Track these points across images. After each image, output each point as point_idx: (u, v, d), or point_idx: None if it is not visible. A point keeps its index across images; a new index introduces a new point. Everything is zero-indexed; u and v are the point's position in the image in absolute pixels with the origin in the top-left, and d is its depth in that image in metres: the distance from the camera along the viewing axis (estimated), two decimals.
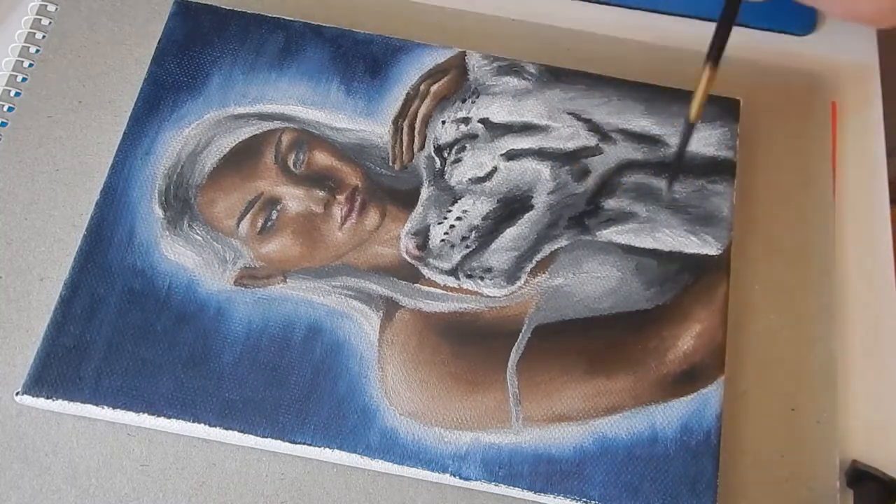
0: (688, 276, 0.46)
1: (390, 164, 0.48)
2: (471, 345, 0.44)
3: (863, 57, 0.56)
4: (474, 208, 0.47)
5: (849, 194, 0.52)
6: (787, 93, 0.54)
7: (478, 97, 0.50)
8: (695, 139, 0.49)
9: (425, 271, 0.46)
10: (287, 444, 0.42)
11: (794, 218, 0.50)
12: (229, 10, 0.51)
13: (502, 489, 0.41)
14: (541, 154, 0.48)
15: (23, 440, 0.43)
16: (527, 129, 0.49)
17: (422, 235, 0.46)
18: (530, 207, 0.47)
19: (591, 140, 0.49)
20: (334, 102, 0.49)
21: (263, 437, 0.42)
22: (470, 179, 0.48)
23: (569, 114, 0.49)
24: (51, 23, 0.53)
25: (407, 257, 0.46)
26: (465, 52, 0.51)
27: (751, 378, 0.46)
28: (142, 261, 0.45)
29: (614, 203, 0.47)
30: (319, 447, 0.42)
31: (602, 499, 0.41)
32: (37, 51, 0.52)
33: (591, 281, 0.46)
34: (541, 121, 0.49)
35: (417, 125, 0.49)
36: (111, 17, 0.53)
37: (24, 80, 0.51)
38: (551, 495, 0.41)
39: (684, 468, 0.42)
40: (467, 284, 0.45)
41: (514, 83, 0.50)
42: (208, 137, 0.48)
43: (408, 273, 0.45)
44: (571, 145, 0.48)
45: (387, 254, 0.46)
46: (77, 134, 0.50)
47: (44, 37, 0.52)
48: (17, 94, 0.51)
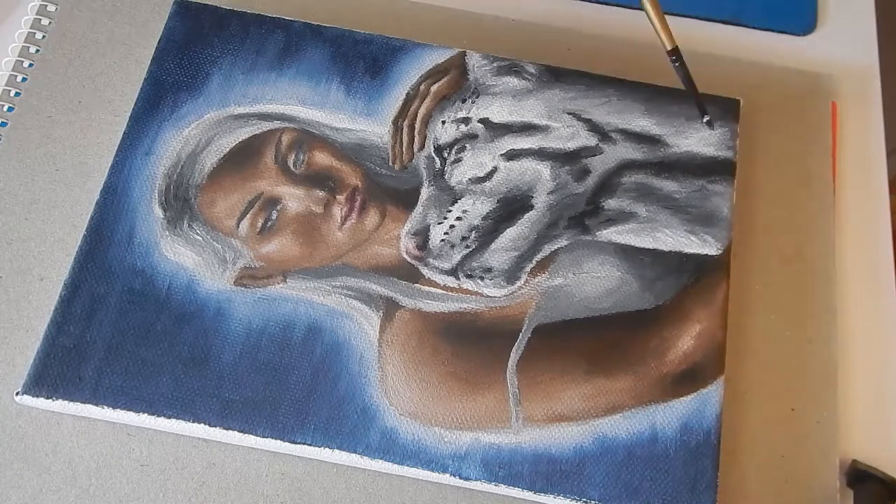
0: (688, 276, 0.46)
1: (390, 164, 0.48)
2: (471, 345, 0.44)
3: (863, 57, 0.56)
4: (474, 208, 0.47)
5: (849, 194, 0.52)
6: (787, 93, 0.54)
7: (478, 97, 0.50)
8: (695, 139, 0.49)
9: (425, 271, 0.45)
10: (287, 444, 0.42)
11: (794, 218, 0.50)
12: (229, 10, 0.51)
13: (502, 489, 0.41)
14: (541, 154, 0.48)
15: (23, 440, 0.43)
16: (527, 129, 0.49)
17: (422, 235, 0.46)
18: (530, 207, 0.47)
19: (591, 140, 0.49)
20: (334, 102, 0.49)
21: (263, 437, 0.42)
22: (470, 179, 0.47)
23: (569, 114, 0.49)
24: (51, 23, 0.53)
25: (407, 257, 0.46)
26: (465, 52, 0.51)
27: (751, 378, 0.46)
28: (142, 261, 0.45)
29: (614, 203, 0.47)
30: (319, 447, 0.42)
31: (602, 499, 0.41)
32: (37, 51, 0.52)
33: (591, 281, 0.46)
34: (541, 121, 0.49)
35: (417, 125, 0.49)
36: (111, 17, 0.53)
37: (24, 80, 0.51)
38: (551, 495, 0.41)
39: (684, 468, 0.42)
40: (467, 284, 0.45)
41: (514, 83, 0.50)
42: (208, 137, 0.48)
43: (408, 273, 0.45)
44: (571, 145, 0.48)
45: (387, 254, 0.46)
46: (77, 134, 0.50)
47: (44, 37, 0.52)
48: (17, 94, 0.51)
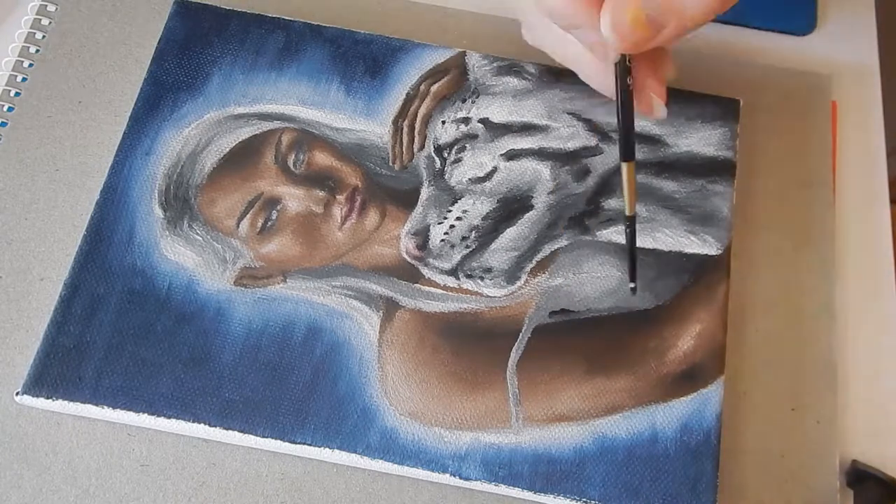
0: (688, 276, 0.46)
1: (390, 164, 0.48)
2: (471, 345, 0.44)
3: (863, 57, 0.56)
4: (474, 208, 0.47)
5: (849, 194, 0.52)
6: (787, 93, 0.54)
7: (478, 97, 0.50)
8: (695, 139, 0.49)
9: (425, 271, 0.45)
10: (287, 444, 0.42)
11: (794, 218, 0.50)
12: (229, 10, 0.51)
13: (502, 489, 0.41)
14: (541, 154, 0.48)
15: (23, 440, 0.43)
16: (527, 129, 0.49)
17: (422, 235, 0.46)
18: (530, 207, 0.47)
19: (591, 140, 0.49)
20: (334, 102, 0.49)
21: (263, 437, 0.42)
22: (470, 179, 0.47)
23: (569, 114, 0.49)
24: (51, 23, 0.53)
25: (407, 257, 0.46)
26: (465, 52, 0.51)
27: (751, 378, 0.46)
28: (142, 261, 0.45)
29: (614, 203, 0.47)
30: (319, 447, 0.42)
31: (602, 499, 0.41)
32: (37, 51, 0.52)
33: (591, 281, 0.46)
34: (541, 121, 0.49)
35: (417, 125, 0.49)
36: (111, 17, 0.53)
37: (24, 80, 0.51)
38: (551, 495, 0.41)
39: (684, 468, 0.42)
40: (467, 284, 0.45)
41: (514, 83, 0.50)
42: (208, 137, 0.48)
43: (408, 273, 0.45)
44: (571, 145, 0.48)
45: (387, 254, 0.46)
46: (77, 134, 0.50)
47: (44, 37, 0.52)
48: (17, 94, 0.51)
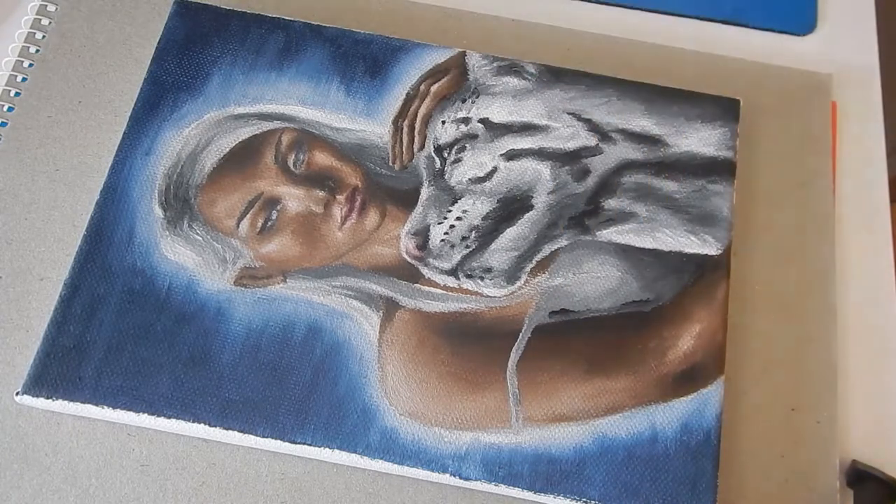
0: (688, 276, 0.46)
1: (390, 164, 0.48)
2: (471, 345, 0.44)
3: (863, 57, 0.56)
4: (474, 208, 0.47)
5: (849, 194, 0.52)
6: (787, 93, 0.54)
7: (478, 97, 0.49)
8: (695, 139, 0.49)
9: (425, 271, 0.45)
10: (287, 444, 0.42)
11: (794, 218, 0.50)
12: (229, 10, 0.51)
13: (502, 489, 0.41)
14: (541, 154, 0.48)
15: (23, 440, 0.43)
16: (527, 129, 0.49)
17: (422, 235, 0.46)
18: (530, 207, 0.47)
19: (591, 140, 0.49)
20: (334, 102, 0.49)
21: (263, 437, 0.42)
22: (470, 179, 0.47)
23: (569, 114, 0.49)
24: (51, 23, 0.53)
25: (407, 257, 0.46)
26: (465, 52, 0.51)
27: (751, 378, 0.46)
28: (142, 261, 0.45)
29: (614, 203, 0.47)
30: (319, 447, 0.42)
31: (602, 499, 0.41)
32: (37, 51, 0.52)
33: (591, 281, 0.46)
34: (541, 121, 0.49)
35: (417, 125, 0.49)
36: (111, 17, 0.53)
37: (24, 80, 0.51)
38: (551, 495, 0.41)
39: (684, 468, 0.42)
40: (467, 284, 0.45)
41: (514, 83, 0.50)
42: (208, 137, 0.48)
43: (408, 273, 0.45)
44: (571, 145, 0.48)
45: (387, 254, 0.46)
46: (77, 134, 0.50)
47: (44, 37, 0.52)
48: (17, 94, 0.51)
